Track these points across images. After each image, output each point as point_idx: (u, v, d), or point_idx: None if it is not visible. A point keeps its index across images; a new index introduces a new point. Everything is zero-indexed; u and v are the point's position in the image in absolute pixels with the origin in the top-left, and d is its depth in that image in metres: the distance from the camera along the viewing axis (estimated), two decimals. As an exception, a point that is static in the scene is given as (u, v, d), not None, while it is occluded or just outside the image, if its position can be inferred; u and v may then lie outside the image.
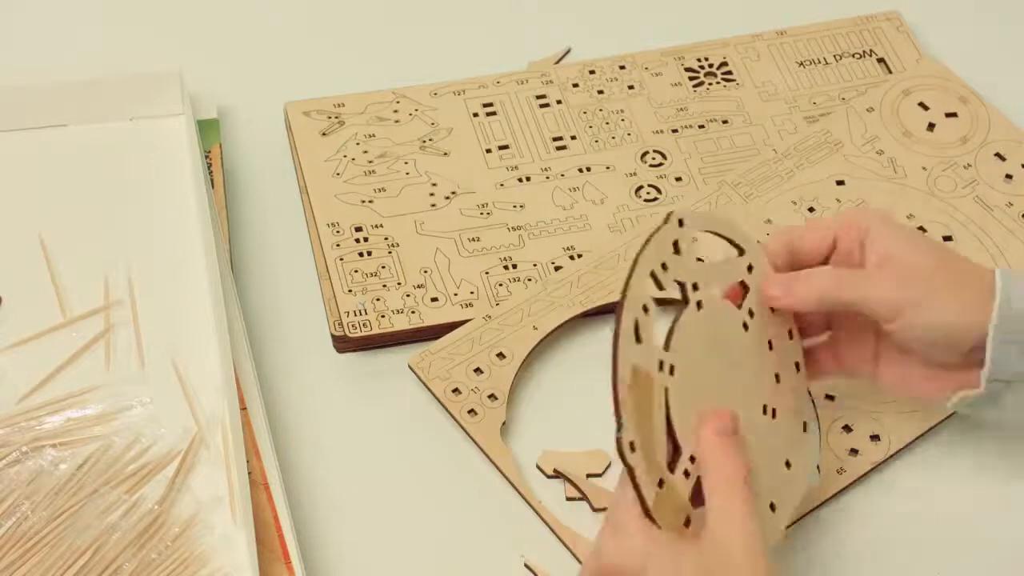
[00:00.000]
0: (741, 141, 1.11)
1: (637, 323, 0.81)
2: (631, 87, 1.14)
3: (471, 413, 0.96)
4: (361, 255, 1.04)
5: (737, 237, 0.89)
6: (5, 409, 0.97)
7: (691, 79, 1.15)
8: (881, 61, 1.16)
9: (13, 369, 0.99)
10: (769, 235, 0.96)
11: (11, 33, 1.19)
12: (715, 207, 1.06)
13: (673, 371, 0.83)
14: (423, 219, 1.06)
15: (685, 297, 0.85)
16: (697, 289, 0.85)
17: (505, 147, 1.11)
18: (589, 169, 1.09)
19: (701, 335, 0.85)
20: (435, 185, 1.08)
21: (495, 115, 1.13)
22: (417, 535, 0.94)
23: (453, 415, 0.96)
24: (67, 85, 1.10)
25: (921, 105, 1.12)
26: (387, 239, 1.05)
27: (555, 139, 1.11)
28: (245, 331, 1.01)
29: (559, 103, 1.13)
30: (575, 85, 1.14)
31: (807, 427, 0.91)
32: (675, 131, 1.11)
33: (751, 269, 0.89)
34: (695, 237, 0.86)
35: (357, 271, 1.04)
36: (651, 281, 0.83)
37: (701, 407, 0.84)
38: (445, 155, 1.10)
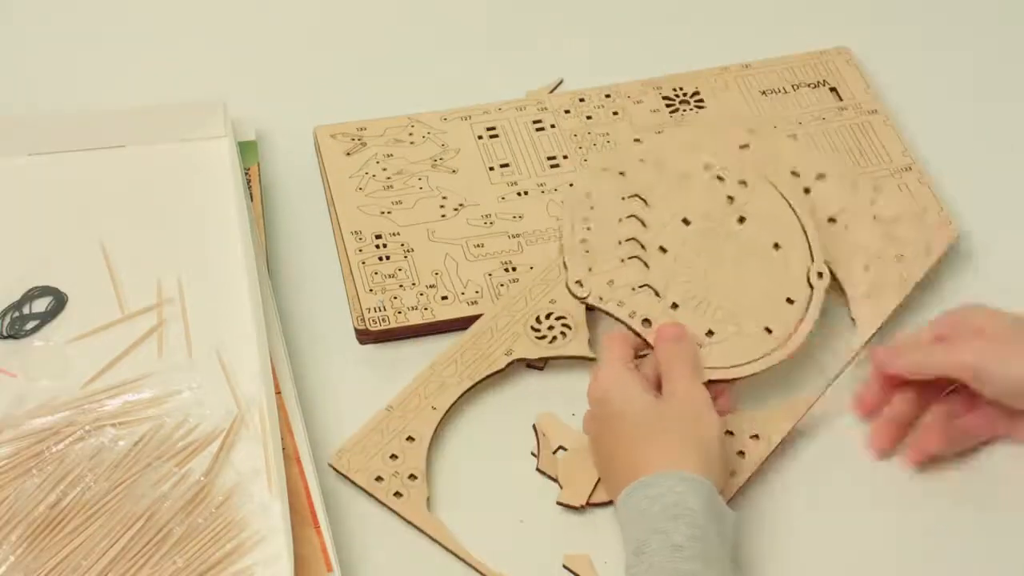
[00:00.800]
0: (711, 160, 1.11)
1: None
2: (615, 113, 1.14)
3: (397, 495, 0.93)
4: (380, 259, 1.04)
5: None
6: (71, 393, 0.97)
7: (667, 106, 1.15)
8: (833, 90, 1.16)
9: (78, 358, 0.99)
10: (874, 358, 0.97)
11: (76, 65, 1.18)
12: (563, 269, 1.02)
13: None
14: (434, 228, 1.06)
15: None
16: None
17: (506, 165, 1.11)
18: (579, 184, 1.09)
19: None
20: (445, 198, 1.08)
21: (497, 137, 1.12)
22: (449, 494, 0.94)
23: (381, 501, 0.93)
24: (125, 111, 1.10)
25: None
26: (403, 245, 1.05)
27: (549, 158, 1.11)
28: (279, 325, 1.01)
29: (553, 127, 1.13)
30: (567, 111, 1.14)
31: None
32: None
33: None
34: None
35: (377, 273, 1.03)
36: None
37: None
38: (454, 172, 1.10)
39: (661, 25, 1.24)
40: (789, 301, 0.99)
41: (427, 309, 1.02)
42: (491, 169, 1.10)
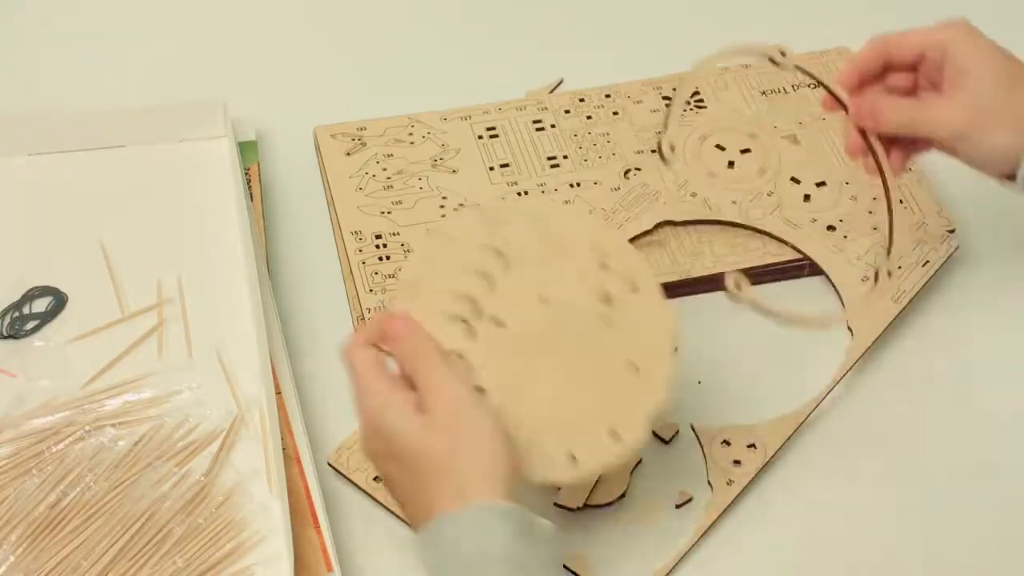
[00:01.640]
0: (711, 160, 1.11)
1: None
2: (615, 113, 1.14)
3: None
4: (380, 259, 1.04)
5: None
6: (71, 393, 0.97)
7: (668, 106, 1.15)
8: (833, 90, 1.16)
9: (78, 358, 0.99)
10: (866, 42, 0.95)
11: (76, 65, 1.19)
12: None
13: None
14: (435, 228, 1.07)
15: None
16: None
17: (506, 165, 1.11)
18: (579, 184, 1.09)
19: None
20: (445, 198, 1.08)
21: (497, 137, 1.12)
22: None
23: (379, 501, 0.93)
24: (125, 111, 1.10)
25: (718, 147, 1.11)
26: (403, 245, 1.05)
27: (549, 158, 1.11)
28: (279, 325, 1.01)
29: (553, 127, 1.13)
30: (567, 111, 1.14)
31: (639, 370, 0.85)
32: (654, 151, 1.11)
33: None
34: None
35: (377, 273, 1.04)
36: None
37: None
38: (454, 172, 1.10)
39: (661, 25, 1.24)
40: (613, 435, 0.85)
41: (427, 309, 1.02)
42: (491, 169, 1.10)
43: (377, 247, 1.05)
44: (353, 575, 0.91)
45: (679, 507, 0.94)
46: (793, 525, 0.94)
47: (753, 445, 0.96)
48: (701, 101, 1.15)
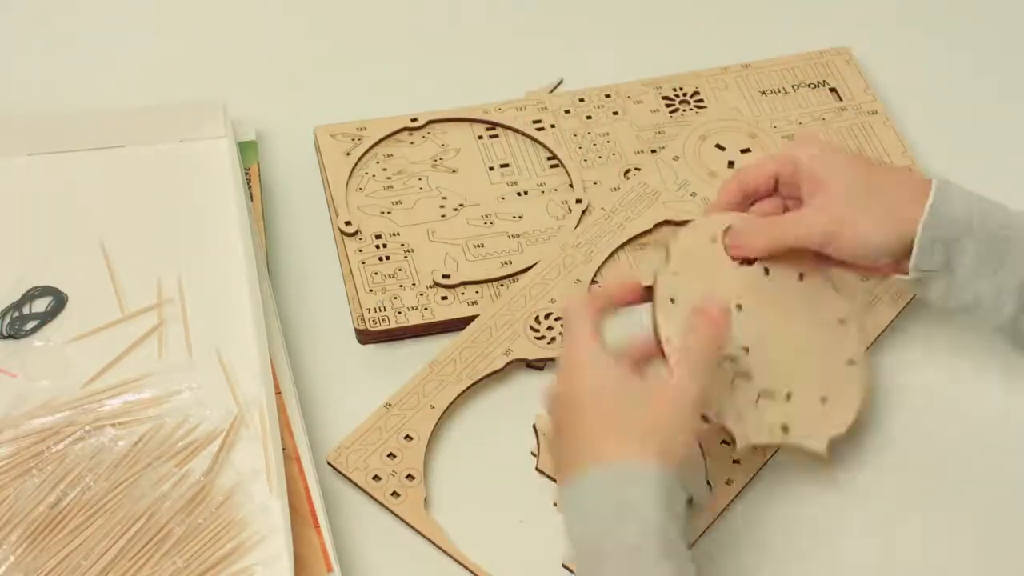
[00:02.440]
0: (711, 160, 1.11)
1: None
2: (615, 113, 1.14)
3: (394, 495, 0.93)
4: (380, 259, 1.04)
5: None
6: (71, 393, 0.97)
7: (667, 106, 1.15)
8: (833, 90, 1.16)
9: (78, 358, 0.99)
10: (720, 183, 0.96)
11: (76, 65, 1.19)
12: (562, 269, 1.03)
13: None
14: (435, 228, 1.06)
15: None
16: None
17: (506, 165, 1.11)
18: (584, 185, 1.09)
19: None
20: (445, 198, 1.08)
21: (497, 137, 1.13)
22: (447, 494, 0.94)
23: (378, 500, 0.93)
24: (125, 111, 1.10)
25: (718, 146, 1.11)
26: (403, 245, 1.05)
27: (549, 158, 1.11)
28: (279, 325, 1.01)
29: (553, 127, 1.13)
30: (567, 111, 1.14)
31: (852, 362, 0.93)
32: (653, 151, 1.11)
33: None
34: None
35: (377, 273, 1.04)
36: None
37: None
38: (454, 172, 1.10)
39: (661, 25, 1.24)
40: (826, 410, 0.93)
41: (427, 309, 1.02)
42: (491, 169, 1.10)
43: (377, 247, 1.05)
44: (353, 575, 0.91)
45: None
46: (793, 525, 0.94)
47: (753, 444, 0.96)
48: (701, 101, 1.15)
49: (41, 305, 1.02)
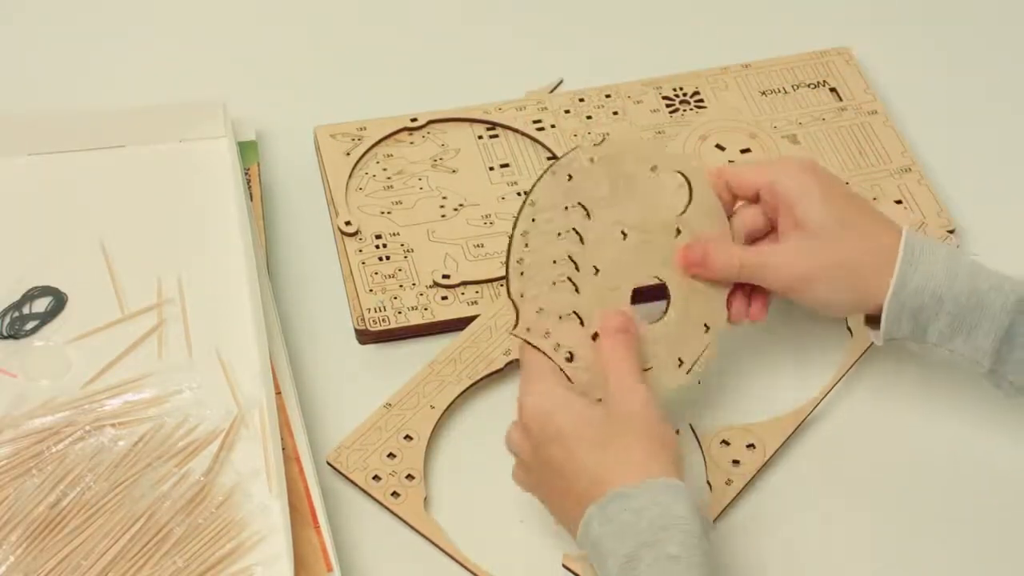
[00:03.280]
0: (711, 160, 1.11)
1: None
2: (615, 113, 1.14)
3: (394, 495, 0.93)
4: (380, 259, 1.04)
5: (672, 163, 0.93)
6: (71, 393, 0.97)
7: (667, 106, 1.15)
8: (833, 90, 1.16)
9: (78, 358, 0.99)
10: (710, 170, 0.95)
11: (76, 65, 1.19)
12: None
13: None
14: (435, 228, 1.06)
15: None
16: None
17: (506, 165, 1.11)
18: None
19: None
20: (445, 198, 1.08)
21: (497, 137, 1.13)
22: (446, 494, 0.94)
23: (378, 500, 0.93)
24: (125, 111, 1.10)
25: (718, 147, 1.10)
26: (403, 245, 1.05)
27: (549, 158, 1.11)
28: (279, 325, 1.01)
29: (553, 127, 1.13)
30: (567, 111, 1.14)
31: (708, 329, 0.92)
32: (654, 151, 1.12)
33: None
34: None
35: (377, 273, 1.04)
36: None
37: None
38: (454, 172, 1.10)
39: (661, 25, 1.24)
40: (705, 327, 0.93)
41: (427, 309, 1.02)
42: (491, 169, 1.10)
43: (377, 247, 1.05)
44: (353, 575, 0.91)
45: None
46: (792, 525, 0.94)
47: (752, 445, 0.96)
48: (701, 101, 1.15)
49: (41, 305, 1.02)
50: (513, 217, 1.06)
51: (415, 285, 1.03)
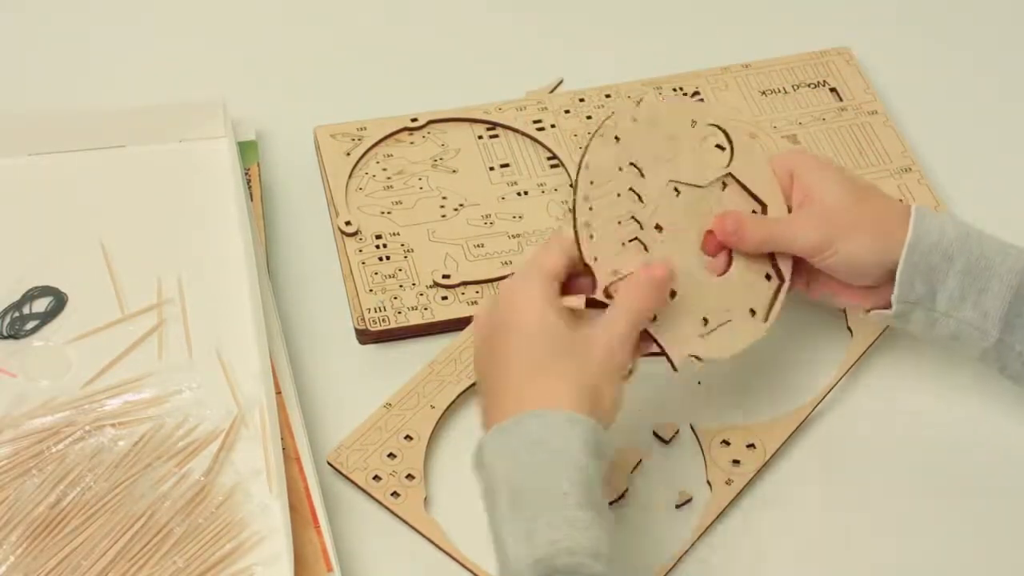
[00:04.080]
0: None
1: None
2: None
3: (394, 495, 0.93)
4: (380, 259, 1.04)
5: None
6: (71, 393, 0.97)
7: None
8: (833, 90, 1.16)
9: (78, 358, 0.99)
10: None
11: (76, 65, 1.19)
12: None
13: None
14: (435, 228, 1.06)
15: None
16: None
17: (506, 165, 1.11)
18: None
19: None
20: (445, 198, 1.08)
21: (497, 137, 1.13)
22: (446, 494, 0.94)
23: (378, 500, 0.93)
24: (125, 111, 1.10)
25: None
26: (403, 245, 1.05)
27: (549, 158, 1.11)
28: (279, 325, 1.01)
29: (553, 127, 1.13)
30: (567, 111, 1.14)
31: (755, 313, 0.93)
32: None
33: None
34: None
35: (377, 273, 1.04)
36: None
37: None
38: (454, 172, 1.10)
39: (661, 25, 1.24)
40: (767, 277, 0.94)
41: (427, 309, 1.02)
42: (491, 169, 1.10)
43: (377, 247, 1.05)
44: (353, 575, 0.91)
45: (679, 507, 0.94)
46: (793, 525, 0.94)
47: (752, 445, 0.96)
48: (701, 101, 1.15)
49: (41, 305, 1.02)
50: (514, 216, 1.07)
51: (415, 285, 1.03)
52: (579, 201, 0.90)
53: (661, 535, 0.92)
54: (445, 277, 1.02)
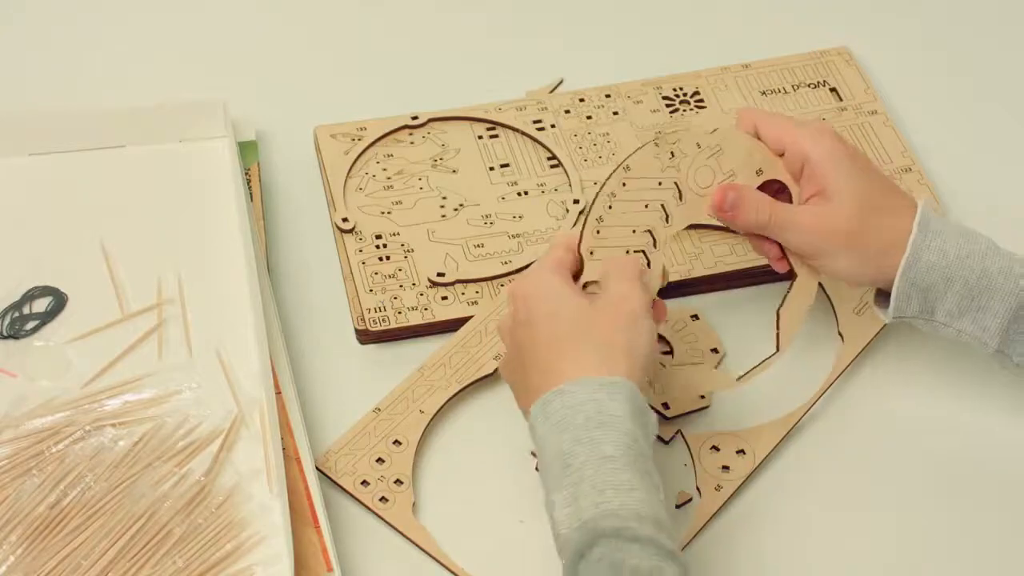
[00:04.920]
0: (711, 160, 1.11)
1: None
2: (615, 113, 1.14)
3: (382, 500, 0.93)
4: (381, 259, 1.04)
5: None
6: (71, 393, 0.97)
7: (668, 106, 1.15)
8: (833, 90, 1.16)
9: (78, 358, 0.99)
10: (739, 111, 0.96)
11: (76, 65, 1.19)
12: None
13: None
14: (435, 228, 1.06)
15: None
16: None
17: (506, 165, 1.11)
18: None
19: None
20: (445, 198, 1.08)
21: (497, 137, 1.13)
22: (435, 499, 0.94)
23: (367, 505, 0.93)
24: (125, 111, 1.10)
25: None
26: (403, 245, 1.05)
27: (549, 158, 1.11)
28: (279, 325, 1.01)
29: (553, 127, 1.13)
30: (567, 111, 1.14)
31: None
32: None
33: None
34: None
35: (377, 273, 1.04)
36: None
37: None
38: (454, 172, 1.10)
39: (661, 25, 1.24)
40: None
41: (427, 309, 1.02)
42: (491, 169, 1.10)
43: (377, 247, 1.05)
44: (353, 575, 0.91)
45: (679, 507, 0.94)
46: (782, 530, 0.94)
47: (742, 451, 0.95)
48: (701, 101, 1.15)
49: (41, 305, 1.02)
50: (514, 216, 1.07)
51: (415, 285, 1.03)
52: (602, 195, 0.90)
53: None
54: (440, 275, 1.02)
